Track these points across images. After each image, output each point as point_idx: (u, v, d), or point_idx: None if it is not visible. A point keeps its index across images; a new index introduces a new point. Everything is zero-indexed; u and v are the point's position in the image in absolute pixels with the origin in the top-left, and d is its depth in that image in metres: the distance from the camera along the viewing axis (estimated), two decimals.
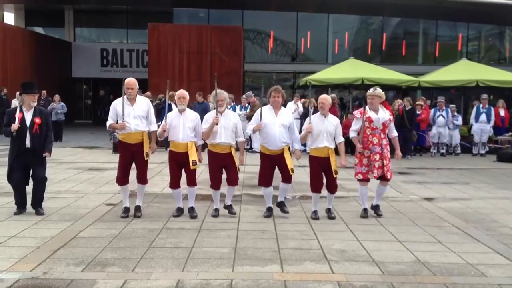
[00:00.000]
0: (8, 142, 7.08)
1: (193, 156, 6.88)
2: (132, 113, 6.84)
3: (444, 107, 15.35)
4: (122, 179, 6.98)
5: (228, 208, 7.13)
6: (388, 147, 7.11)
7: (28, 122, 6.87)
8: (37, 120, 6.90)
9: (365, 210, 7.24)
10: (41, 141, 6.96)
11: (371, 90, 7.22)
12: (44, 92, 18.29)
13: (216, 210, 7.14)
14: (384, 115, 7.07)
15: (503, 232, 6.52)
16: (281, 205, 7.17)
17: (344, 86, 19.07)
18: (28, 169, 7.02)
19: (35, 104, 7.04)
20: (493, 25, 27.68)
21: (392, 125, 7.22)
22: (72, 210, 7.36)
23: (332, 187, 7.06)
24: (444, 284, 4.64)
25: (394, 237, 6.19)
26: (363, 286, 4.58)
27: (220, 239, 5.97)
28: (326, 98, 7.04)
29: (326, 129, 6.89)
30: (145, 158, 6.93)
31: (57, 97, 18.28)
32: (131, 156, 6.94)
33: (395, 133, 7.29)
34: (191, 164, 6.85)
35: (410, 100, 14.96)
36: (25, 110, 6.92)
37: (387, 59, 26.29)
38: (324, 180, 7.08)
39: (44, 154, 7.04)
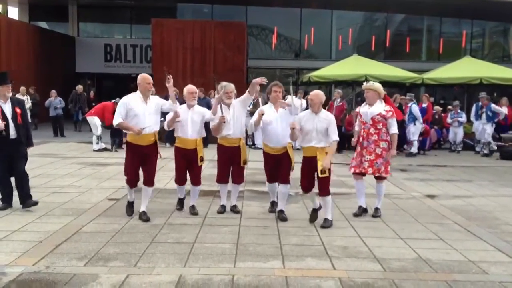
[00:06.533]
0: None
1: (200, 152, 6.87)
2: (147, 111, 6.49)
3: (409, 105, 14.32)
4: (133, 182, 6.66)
5: (232, 208, 7.14)
6: (379, 143, 6.86)
7: (9, 114, 6.84)
8: (18, 110, 6.92)
9: (359, 207, 7.10)
10: (24, 131, 7.00)
11: (367, 84, 7.06)
12: (53, 91, 18.33)
13: (223, 206, 7.10)
14: (374, 110, 6.87)
15: (505, 230, 6.52)
16: (279, 213, 6.85)
17: (348, 83, 19.04)
18: (10, 161, 6.90)
19: (10, 94, 6.96)
20: (497, 22, 27.58)
21: (391, 121, 6.88)
22: (75, 205, 7.38)
23: (321, 189, 6.42)
24: (446, 281, 4.65)
25: (396, 234, 6.20)
26: (365, 282, 4.59)
27: (222, 235, 5.98)
28: (316, 95, 6.45)
29: (315, 127, 6.33)
30: (158, 159, 6.70)
31: (53, 92, 18.27)
32: (141, 158, 6.56)
33: (392, 130, 6.88)
34: (198, 160, 6.85)
35: (398, 97, 14.78)
36: (2, 102, 6.87)
37: (391, 56, 26.21)
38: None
39: (29, 148, 7.14)
